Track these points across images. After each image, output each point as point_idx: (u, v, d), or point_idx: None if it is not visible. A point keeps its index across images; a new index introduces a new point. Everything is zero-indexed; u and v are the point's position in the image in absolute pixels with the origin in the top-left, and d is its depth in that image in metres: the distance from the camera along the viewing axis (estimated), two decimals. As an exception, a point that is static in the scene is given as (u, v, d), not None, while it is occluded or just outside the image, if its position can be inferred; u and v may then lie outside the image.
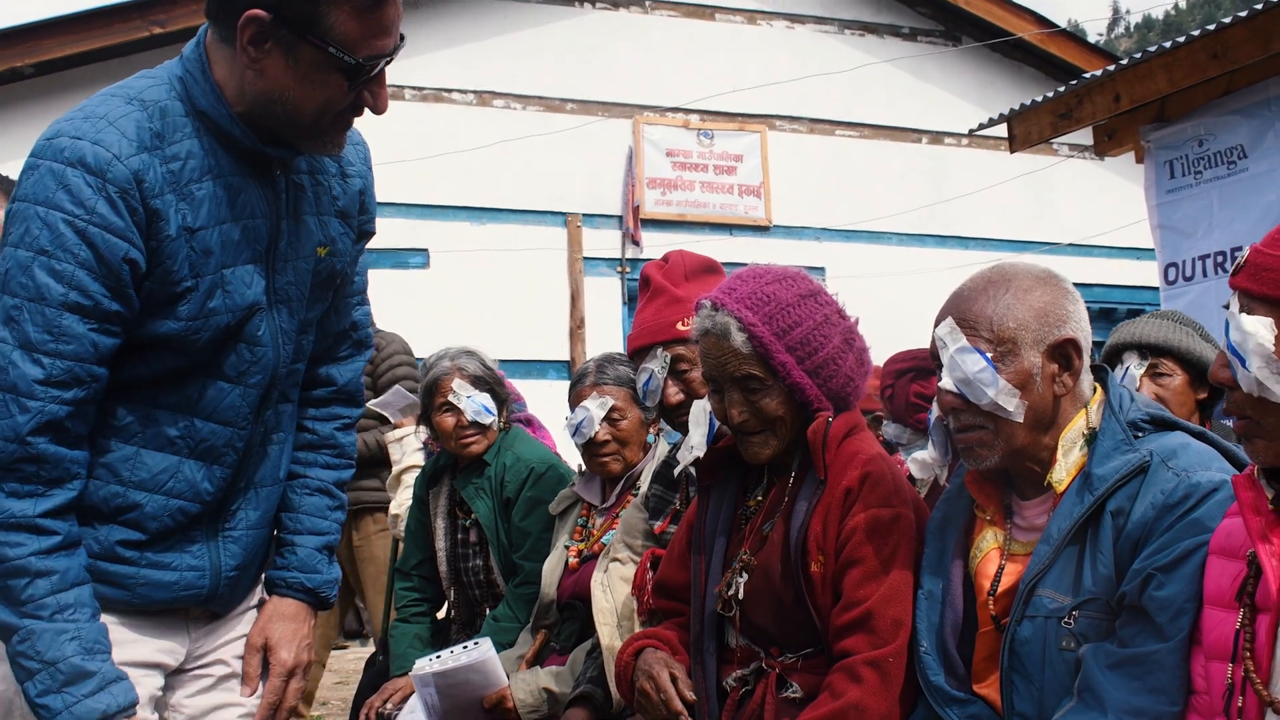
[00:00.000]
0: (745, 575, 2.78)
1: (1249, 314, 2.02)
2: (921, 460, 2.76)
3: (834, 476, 2.71)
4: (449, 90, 12.66)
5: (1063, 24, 16.64)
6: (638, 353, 3.63)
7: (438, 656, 3.92)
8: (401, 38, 2.18)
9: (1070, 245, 13.95)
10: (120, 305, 2.11)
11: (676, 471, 3.05)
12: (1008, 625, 2.42)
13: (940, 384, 2.49)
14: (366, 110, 2.21)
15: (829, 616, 2.66)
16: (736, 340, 2.75)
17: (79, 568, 2.16)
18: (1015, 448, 2.45)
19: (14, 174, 3.57)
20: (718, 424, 2.92)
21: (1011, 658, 2.40)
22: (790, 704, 2.67)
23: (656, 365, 3.54)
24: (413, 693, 4.05)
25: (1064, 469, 2.44)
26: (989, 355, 2.41)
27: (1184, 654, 2.17)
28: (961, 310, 2.49)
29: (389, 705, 4.27)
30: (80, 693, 2.10)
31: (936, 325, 2.52)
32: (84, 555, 2.18)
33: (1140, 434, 2.42)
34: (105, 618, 2.21)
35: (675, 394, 3.53)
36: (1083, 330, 2.49)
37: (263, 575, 2.58)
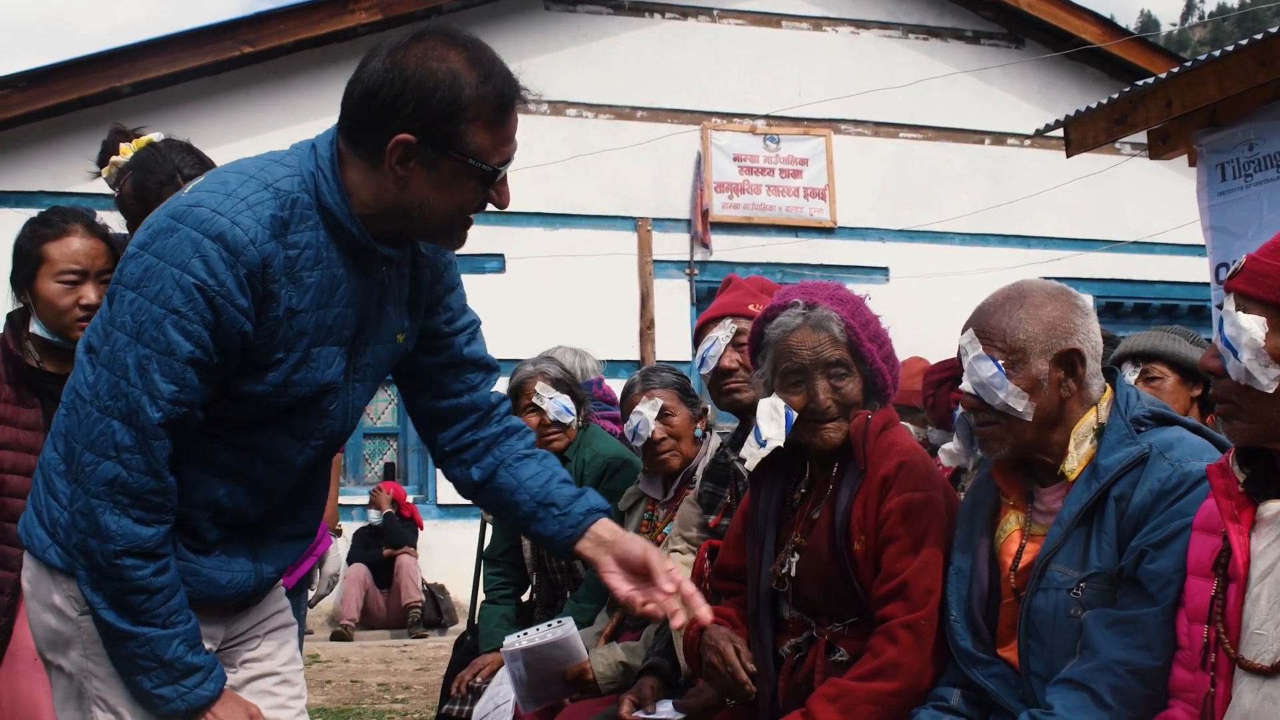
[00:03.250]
0: (797, 555, 3.17)
1: (1244, 313, 2.34)
2: (950, 451, 3.18)
3: (873, 466, 3.09)
4: (522, 101, 13.06)
5: (1135, 14, 16.70)
6: (704, 327, 4.12)
7: (525, 634, 4.27)
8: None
9: (1133, 243, 14.09)
10: (223, 362, 2.34)
11: (749, 465, 3.41)
12: (1025, 596, 2.77)
13: (961, 386, 2.86)
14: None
15: (871, 589, 3.04)
16: (834, 329, 3.18)
17: (178, 574, 2.42)
18: (1024, 442, 2.81)
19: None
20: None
21: (1027, 625, 2.75)
22: (838, 666, 3.05)
23: (723, 333, 4.02)
24: (501, 667, 4.43)
25: (1075, 460, 2.80)
26: (1000, 363, 2.77)
27: (1169, 617, 2.52)
28: (981, 322, 2.85)
29: (479, 678, 4.67)
30: (191, 684, 2.40)
31: (962, 334, 2.89)
32: (175, 562, 2.44)
33: (1142, 429, 2.77)
34: None
35: (731, 361, 3.99)
36: (1090, 341, 2.83)
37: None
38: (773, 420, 3.31)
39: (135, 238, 2.38)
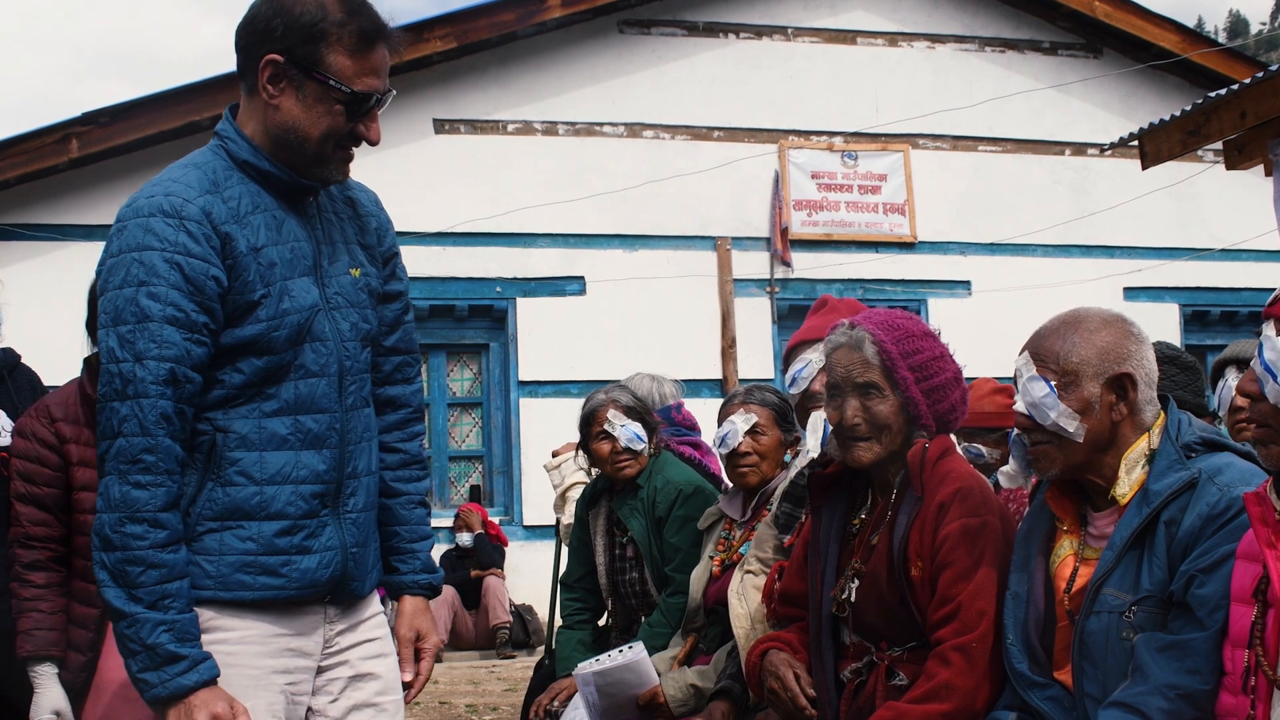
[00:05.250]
0: (857, 581, 3.24)
1: None
2: (1008, 473, 3.26)
3: (930, 492, 3.15)
4: (600, 124, 13.19)
5: (1224, 14, 16.47)
6: (796, 348, 4.18)
7: (598, 659, 4.37)
8: (391, 90, 2.71)
9: (1219, 251, 13.90)
10: (208, 318, 2.56)
11: (791, 474, 3.46)
12: (1078, 620, 2.82)
13: (1015, 406, 2.93)
14: (365, 144, 2.73)
15: (927, 613, 3.09)
16: (868, 351, 3.25)
17: (183, 563, 2.55)
18: (1075, 463, 2.88)
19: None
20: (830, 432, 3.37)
21: (1081, 648, 2.80)
22: (898, 691, 3.11)
23: (815, 355, 4.05)
24: (576, 692, 4.53)
25: (1127, 485, 2.85)
26: (1053, 384, 2.86)
27: (1218, 642, 2.56)
28: (1036, 345, 2.95)
29: (556, 703, 4.76)
30: (173, 672, 2.47)
31: (1018, 356, 2.96)
32: (185, 553, 2.58)
33: (1193, 454, 2.82)
34: (256, 622, 2.64)
35: (822, 385, 3.98)
36: (1143, 368, 2.89)
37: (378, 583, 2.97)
38: (814, 433, 3.39)
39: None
